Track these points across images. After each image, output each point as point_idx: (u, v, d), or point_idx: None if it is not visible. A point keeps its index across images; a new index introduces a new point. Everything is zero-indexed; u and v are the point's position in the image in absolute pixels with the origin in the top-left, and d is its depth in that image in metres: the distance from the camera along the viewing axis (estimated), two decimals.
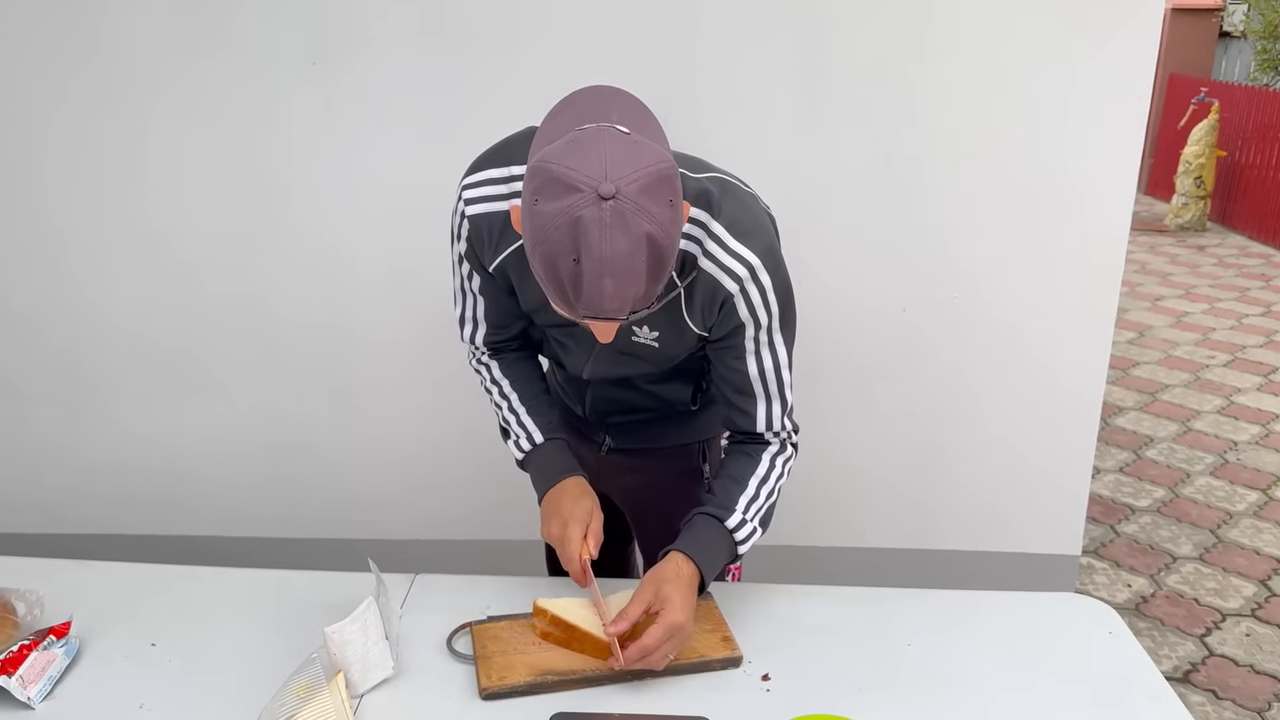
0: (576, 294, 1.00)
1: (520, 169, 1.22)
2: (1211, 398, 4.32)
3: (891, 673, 1.24)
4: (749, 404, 1.33)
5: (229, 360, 2.47)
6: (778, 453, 1.37)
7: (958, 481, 2.49)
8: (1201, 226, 7.68)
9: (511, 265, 1.28)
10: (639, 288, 1.01)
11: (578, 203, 0.97)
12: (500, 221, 1.25)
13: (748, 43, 2.17)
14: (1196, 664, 2.54)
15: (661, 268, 1.02)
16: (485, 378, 1.48)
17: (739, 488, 1.33)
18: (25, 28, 2.22)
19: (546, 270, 1.01)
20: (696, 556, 1.26)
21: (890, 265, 2.32)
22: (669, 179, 1.02)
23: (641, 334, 1.28)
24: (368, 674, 1.18)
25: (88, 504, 2.61)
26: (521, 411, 1.44)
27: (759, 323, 1.25)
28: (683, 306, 1.24)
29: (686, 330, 1.27)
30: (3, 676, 1.16)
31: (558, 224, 0.98)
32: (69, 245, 2.39)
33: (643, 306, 1.05)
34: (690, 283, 1.22)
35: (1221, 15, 9.35)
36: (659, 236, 1.00)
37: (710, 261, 1.20)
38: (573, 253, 0.98)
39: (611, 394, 1.46)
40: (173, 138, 2.29)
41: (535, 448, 1.42)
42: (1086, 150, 2.21)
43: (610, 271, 0.98)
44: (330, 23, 2.18)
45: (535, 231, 1.00)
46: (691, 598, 1.23)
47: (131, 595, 1.37)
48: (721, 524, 1.30)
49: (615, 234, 0.97)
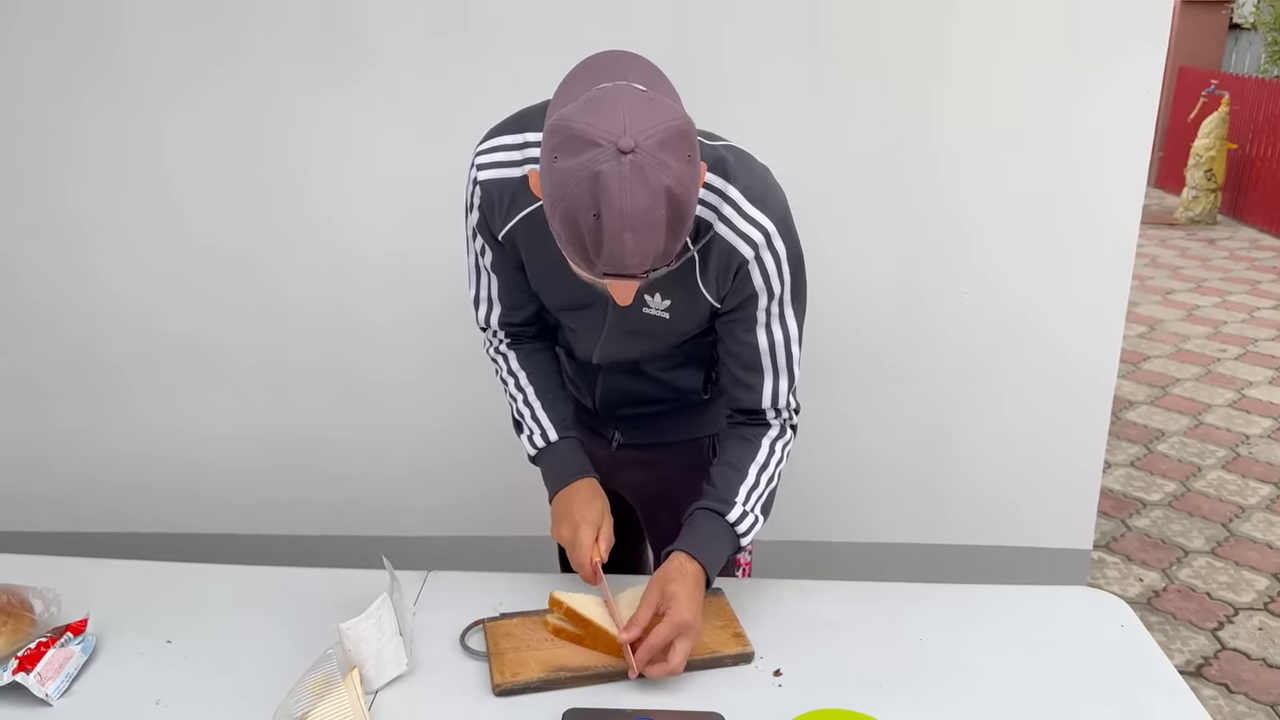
0: (597, 250, 1.01)
1: (535, 135, 1.23)
2: (1223, 391, 4.31)
3: (904, 668, 1.24)
4: (755, 379, 1.32)
5: (241, 355, 2.48)
6: (777, 437, 1.36)
7: (969, 475, 2.49)
8: (1212, 219, 7.64)
9: (520, 234, 1.28)
10: (659, 242, 1.01)
11: (597, 157, 0.97)
12: (512, 188, 1.25)
13: (760, 29, 2.16)
14: (1209, 658, 2.53)
15: (681, 223, 1.03)
16: (502, 368, 1.46)
17: (739, 476, 1.32)
18: (42, 27, 2.23)
19: (567, 227, 1.01)
20: (699, 554, 1.26)
21: (900, 259, 2.32)
22: (686, 135, 1.02)
23: (653, 304, 1.27)
24: (382, 670, 1.19)
25: (101, 500, 2.62)
26: (536, 406, 1.43)
27: (772, 292, 1.25)
28: (697, 273, 1.24)
29: (699, 298, 1.26)
30: (21, 673, 1.17)
31: (577, 179, 0.98)
32: (84, 240, 2.40)
33: (662, 264, 1.05)
34: (705, 248, 1.22)
35: (1231, 7, 9.28)
36: (678, 190, 1.00)
37: (726, 226, 1.21)
38: (593, 208, 0.98)
39: (622, 384, 1.46)
40: (187, 134, 2.30)
41: (549, 445, 1.42)
42: (1097, 143, 2.20)
43: (631, 226, 0.98)
44: (339, 19, 2.19)
45: (555, 189, 1.01)
46: (698, 595, 1.23)
47: (147, 593, 1.38)
48: (722, 518, 1.30)
49: (635, 188, 0.98)
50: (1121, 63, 2.14)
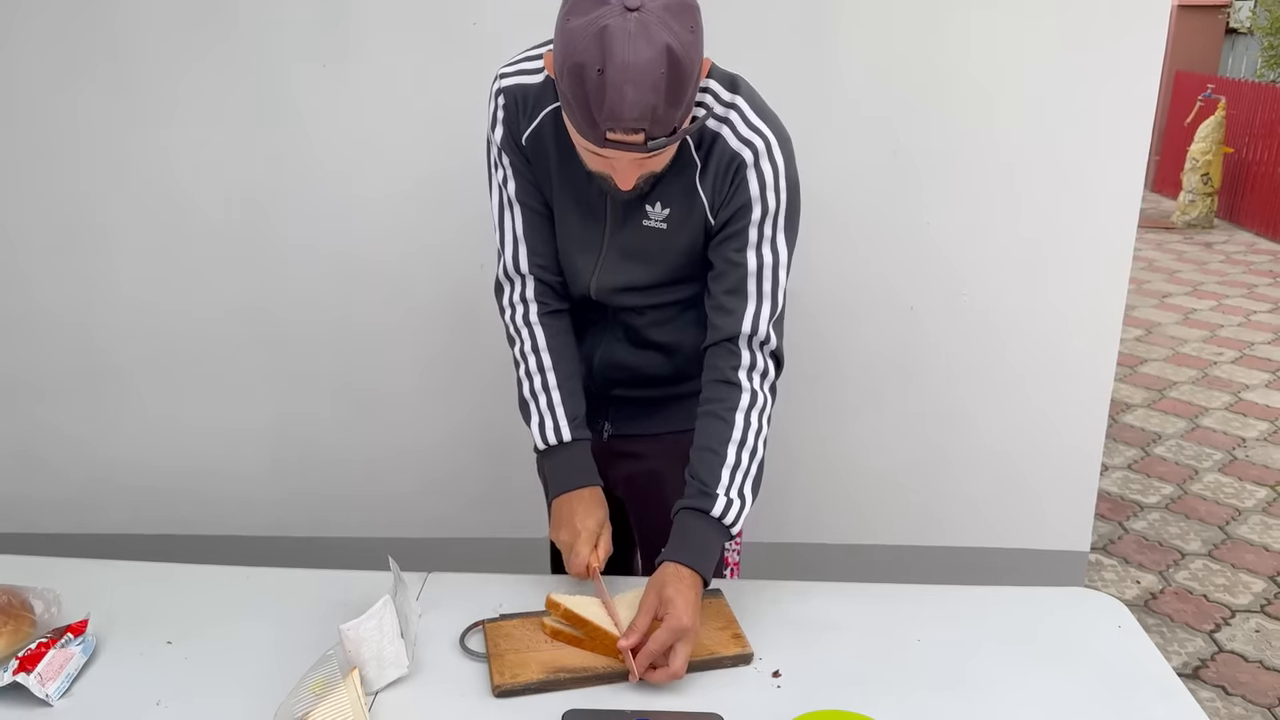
0: (599, 105, 1.07)
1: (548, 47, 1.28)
2: (1220, 394, 4.32)
3: (901, 668, 1.24)
4: (738, 303, 1.31)
5: (244, 358, 2.48)
6: (750, 405, 1.31)
7: (966, 478, 2.50)
8: (1209, 223, 7.66)
9: (542, 135, 1.32)
10: (657, 100, 1.08)
11: (605, 14, 1.06)
12: (535, 91, 1.31)
13: (755, 41, 2.17)
14: (1206, 660, 2.54)
15: (680, 88, 1.09)
16: (524, 343, 1.41)
17: (718, 459, 1.28)
18: (46, 31, 2.24)
19: (574, 85, 1.08)
20: (691, 560, 1.25)
21: (898, 262, 2.33)
22: (692, 9, 1.11)
23: (653, 214, 1.31)
24: (383, 672, 1.19)
25: (103, 502, 2.62)
26: (555, 394, 1.39)
27: (766, 207, 1.28)
28: (697, 177, 1.28)
29: (697, 205, 1.29)
30: (21, 674, 1.17)
31: (585, 35, 1.06)
32: (86, 243, 2.40)
33: (660, 131, 1.11)
34: (708, 153, 1.27)
35: (1228, 12, 9.32)
36: (679, 51, 1.07)
37: (730, 131, 1.27)
38: (598, 62, 1.06)
39: (619, 353, 1.45)
40: (187, 139, 2.31)
41: (561, 444, 1.39)
42: (1094, 148, 2.21)
43: (631, 78, 1.06)
44: (338, 23, 2.20)
45: (565, 47, 1.09)
46: (693, 598, 1.22)
47: (147, 594, 1.38)
48: (707, 515, 1.27)
49: (638, 42, 1.05)
50: (1119, 68, 2.15)
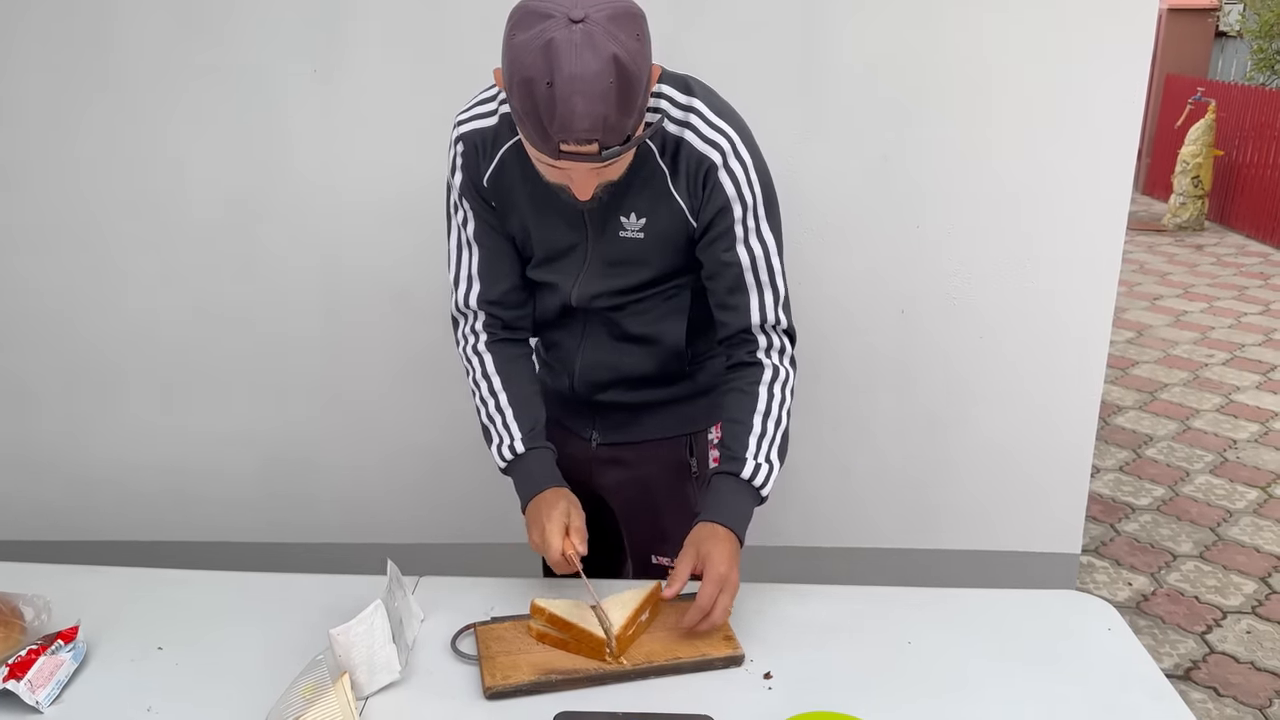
0: (550, 117, 1.08)
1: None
2: (1211, 396, 4.33)
3: (892, 670, 1.25)
4: (741, 299, 1.35)
5: (232, 365, 2.48)
6: (772, 380, 1.36)
7: (957, 480, 2.51)
8: (1199, 226, 7.70)
9: (504, 170, 1.33)
10: (608, 110, 1.08)
11: (549, 27, 1.07)
12: (491, 132, 1.34)
13: (744, 44, 2.18)
14: (1197, 661, 2.55)
15: (629, 97, 1.10)
16: (475, 370, 1.46)
17: (745, 429, 1.34)
18: (41, 35, 2.24)
19: (524, 100, 1.09)
20: (724, 519, 1.31)
21: (888, 266, 2.34)
22: (636, 17, 1.12)
23: (629, 225, 1.33)
24: (374, 676, 1.19)
25: (91, 508, 2.62)
26: (507, 412, 1.42)
27: (745, 203, 1.31)
28: (669, 182, 1.30)
29: (675, 209, 1.31)
30: (11, 681, 1.17)
31: (531, 49, 1.07)
32: (73, 248, 2.40)
33: (614, 140, 1.12)
34: (675, 158, 1.29)
35: (1218, 15, 9.37)
36: (626, 60, 1.08)
37: (693, 134, 1.28)
38: (546, 76, 1.06)
39: (603, 354, 1.45)
40: (178, 145, 2.30)
41: (518, 457, 1.42)
42: (1082, 150, 2.22)
43: (580, 90, 1.06)
44: (331, 31, 2.20)
45: (512, 62, 1.10)
46: (731, 550, 1.28)
47: (138, 599, 1.38)
48: (738, 478, 1.32)
49: (584, 53, 1.06)
50: (1107, 70, 2.16)
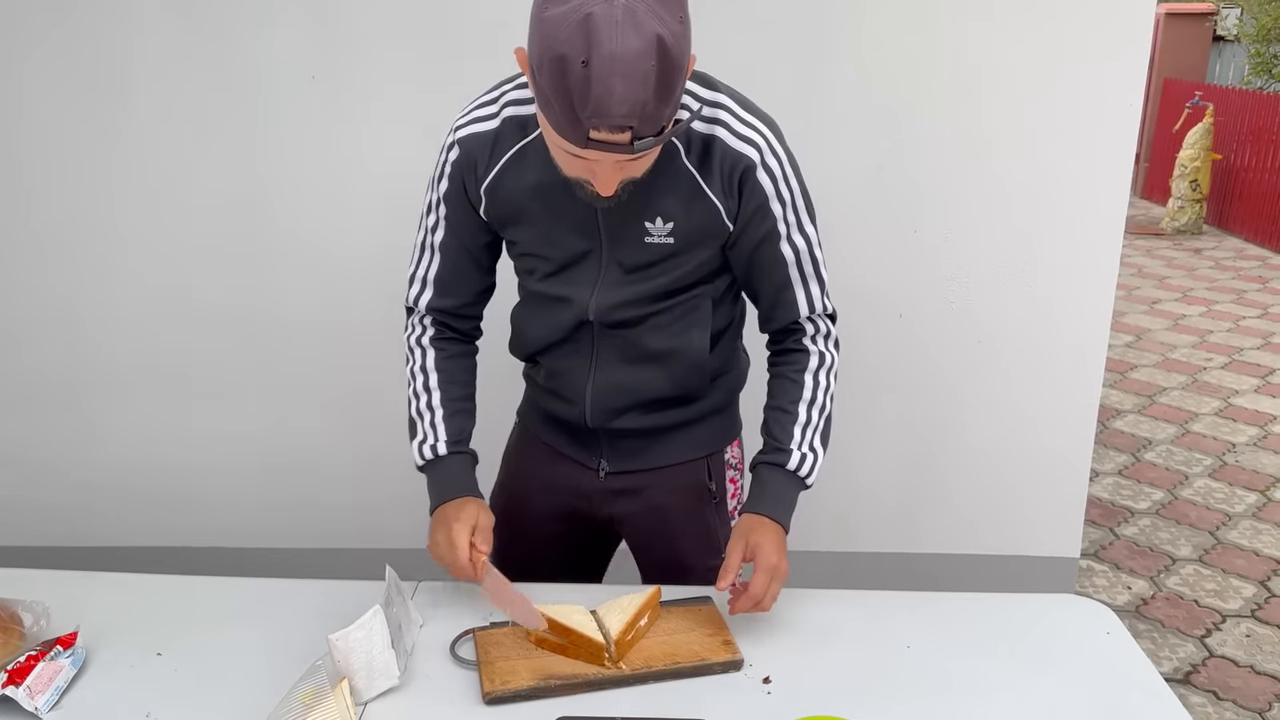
0: (584, 101, 0.99)
1: (509, 85, 1.28)
2: (1210, 400, 4.34)
3: (892, 674, 1.25)
4: (789, 295, 1.34)
5: (231, 370, 2.49)
6: (819, 367, 1.37)
7: (956, 484, 2.51)
8: (1198, 229, 7.71)
9: (508, 175, 1.28)
10: (647, 96, 1.00)
11: (589, 1, 0.97)
12: (490, 139, 1.27)
13: (744, 49, 2.18)
14: (1197, 665, 2.55)
15: (670, 83, 1.02)
16: (415, 361, 1.42)
17: (790, 418, 1.34)
18: (44, 47, 2.24)
19: (554, 79, 1.00)
20: (770, 511, 1.32)
21: (886, 270, 2.34)
22: (681, 2, 1.04)
23: (655, 230, 1.26)
24: (372, 682, 1.19)
25: (93, 513, 2.62)
26: (438, 412, 1.39)
27: (784, 200, 1.27)
28: (703, 183, 1.24)
29: (710, 210, 1.25)
30: (10, 687, 1.16)
31: (568, 24, 0.98)
32: (77, 253, 2.41)
33: (648, 131, 1.03)
34: (708, 157, 1.23)
35: (1215, 20, 9.39)
36: (670, 42, 1.00)
37: (725, 131, 1.23)
38: (582, 54, 0.97)
39: (618, 379, 1.38)
40: (173, 148, 2.31)
41: (438, 459, 1.38)
42: (1080, 154, 2.23)
43: (620, 70, 0.97)
44: (327, 33, 2.21)
45: (544, 39, 1.00)
46: (780, 540, 1.30)
47: (137, 605, 1.38)
48: (784, 469, 1.33)
49: (626, 31, 0.97)
50: (1105, 74, 2.17)
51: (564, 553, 1.55)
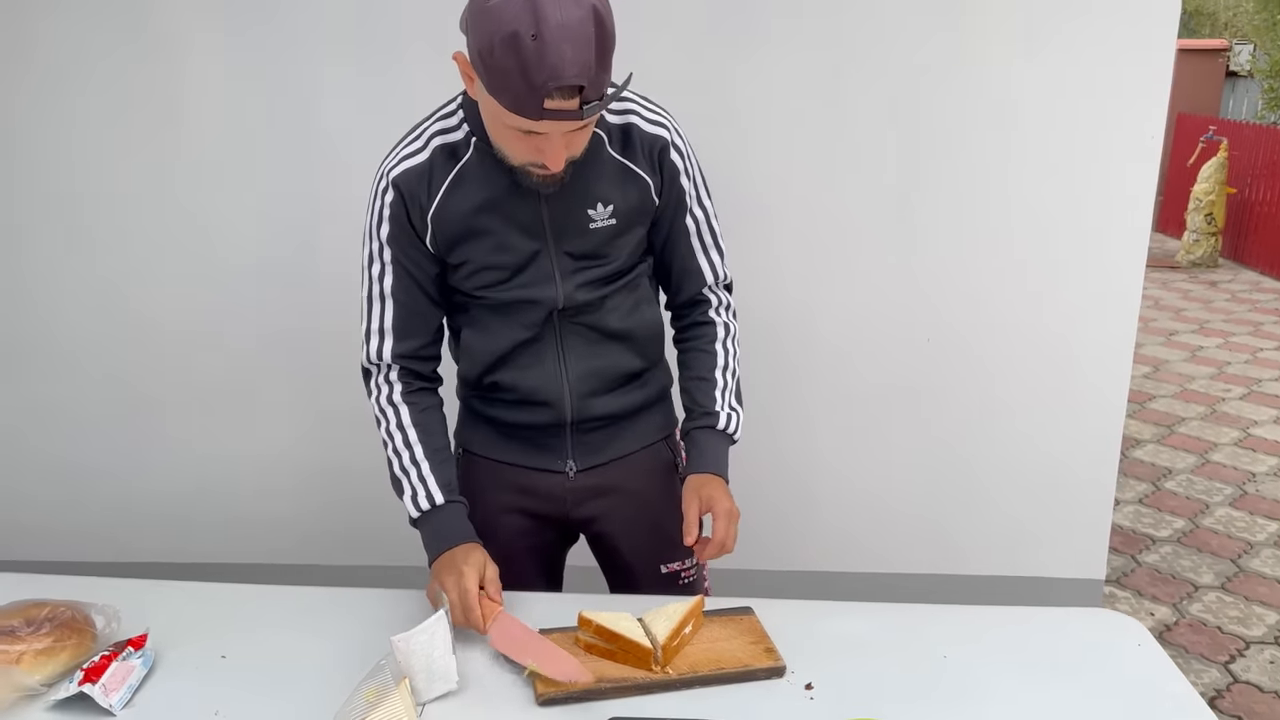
0: (540, 66, 1.11)
1: (428, 122, 1.39)
2: (1229, 430, 4.36)
3: (929, 682, 1.29)
4: (695, 261, 1.51)
5: (276, 390, 2.56)
6: (725, 336, 1.54)
7: (982, 507, 2.55)
8: (1214, 263, 7.75)
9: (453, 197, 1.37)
10: (591, 57, 1.13)
11: None
12: (425, 170, 1.37)
13: (772, 82, 2.27)
14: (1222, 690, 2.56)
15: (606, 48, 1.16)
16: (389, 421, 1.45)
17: (710, 384, 1.51)
18: (92, 77, 2.34)
19: (508, 54, 1.12)
20: (712, 468, 1.46)
21: (914, 296, 2.40)
22: None
23: (598, 216, 1.39)
24: (432, 685, 1.23)
25: (135, 533, 2.68)
26: (423, 465, 1.43)
27: (689, 175, 1.46)
28: (632, 164, 1.40)
29: (640, 184, 1.41)
30: (87, 684, 1.22)
31: (514, 5, 1.11)
32: (121, 281, 2.50)
33: (595, 95, 1.16)
34: (630, 143, 1.39)
35: (1228, 55, 9.48)
36: (603, 13, 1.15)
37: (638, 118, 1.41)
38: (531, 28, 1.10)
39: (588, 360, 1.47)
40: (222, 176, 2.40)
41: (434, 509, 1.41)
42: (1103, 189, 2.30)
43: (568, 36, 1.11)
44: (376, 59, 2.29)
45: (492, 23, 1.12)
46: (725, 487, 1.45)
47: (199, 611, 1.44)
48: (715, 430, 1.49)
49: (567, 4, 1.11)
50: (1125, 111, 2.23)
51: (540, 563, 1.63)
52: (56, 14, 2.30)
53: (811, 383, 2.49)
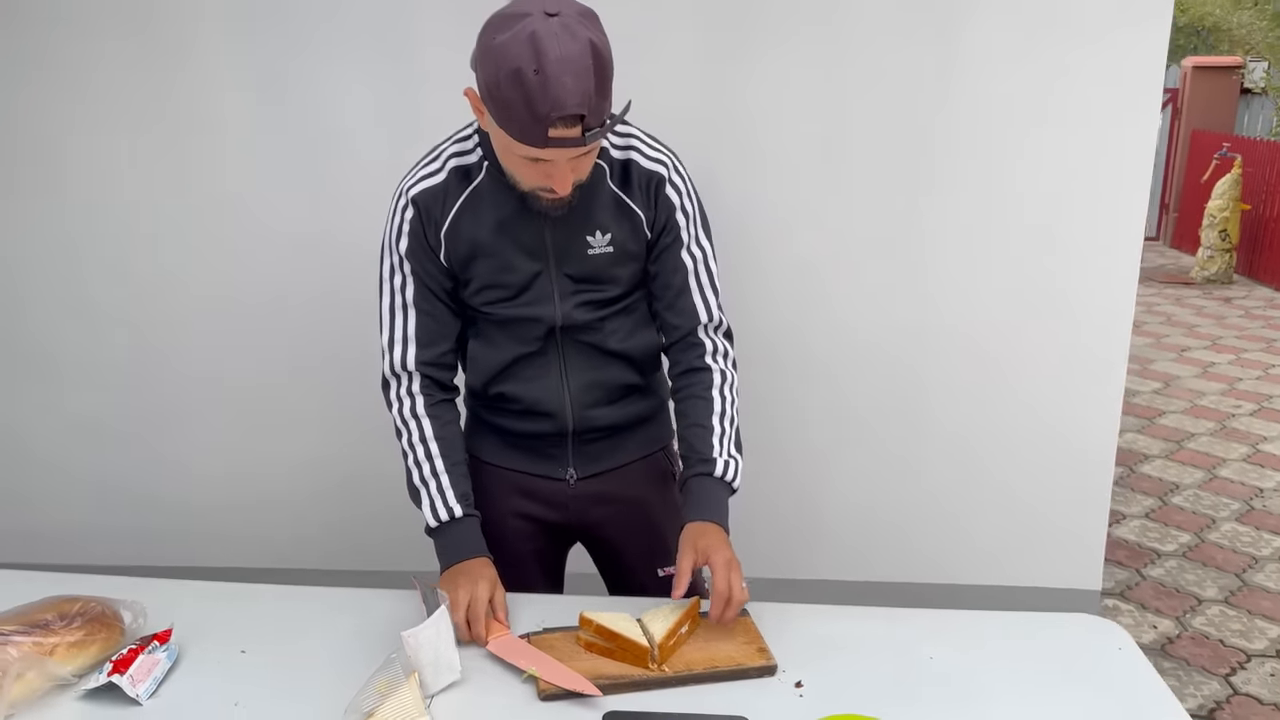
0: (543, 98, 1.20)
1: (445, 145, 1.47)
2: (1237, 446, 4.37)
3: (914, 682, 1.34)
4: (689, 300, 1.54)
5: (294, 400, 2.65)
6: (722, 383, 1.54)
7: (979, 518, 2.60)
8: (1228, 279, 7.74)
9: (465, 217, 1.45)
10: (590, 87, 1.21)
11: (529, 23, 1.20)
12: (444, 188, 1.46)
13: (772, 105, 2.34)
14: (1221, 702, 2.59)
15: (605, 78, 1.24)
16: (411, 433, 1.51)
17: (708, 431, 1.51)
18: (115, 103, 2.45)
19: (514, 88, 1.20)
20: (710, 516, 1.47)
21: (906, 314, 2.47)
22: (596, 17, 1.27)
23: (596, 243, 1.46)
24: (439, 676, 1.30)
25: (160, 539, 2.77)
26: (443, 476, 1.49)
27: (687, 212, 1.51)
28: (628, 198, 1.47)
29: (634, 219, 1.47)
30: (116, 675, 1.29)
31: (517, 43, 1.19)
32: (150, 300, 2.60)
33: (596, 121, 1.24)
34: (627, 176, 1.46)
35: (1242, 72, 9.49)
36: (600, 45, 1.23)
37: (640, 155, 1.48)
38: (533, 63, 1.19)
39: (589, 374, 1.54)
40: (245, 194, 2.50)
41: (452, 520, 1.48)
42: (1094, 204, 2.35)
43: (569, 70, 1.19)
44: (399, 75, 2.38)
45: (498, 60, 1.21)
46: (725, 539, 1.45)
47: (221, 609, 1.51)
48: (712, 477, 1.49)
49: (564, 39, 1.20)
50: (1117, 134, 2.29)
51: (542, 566, 1.70)
52: (75, 24, 2.41)
53: (810, 393, 2.55)
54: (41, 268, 2.60)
